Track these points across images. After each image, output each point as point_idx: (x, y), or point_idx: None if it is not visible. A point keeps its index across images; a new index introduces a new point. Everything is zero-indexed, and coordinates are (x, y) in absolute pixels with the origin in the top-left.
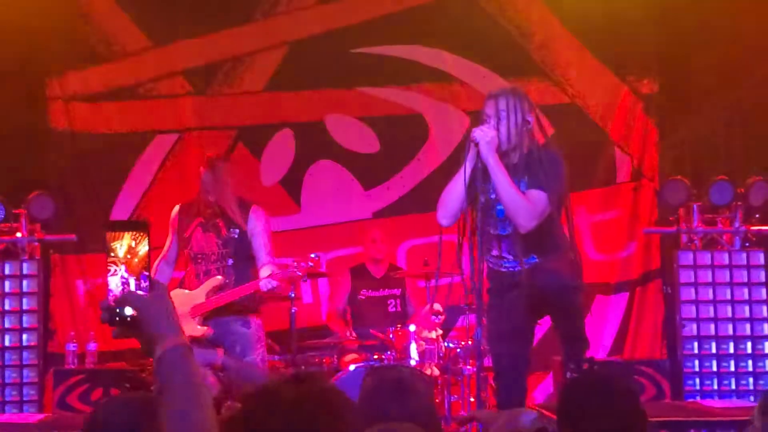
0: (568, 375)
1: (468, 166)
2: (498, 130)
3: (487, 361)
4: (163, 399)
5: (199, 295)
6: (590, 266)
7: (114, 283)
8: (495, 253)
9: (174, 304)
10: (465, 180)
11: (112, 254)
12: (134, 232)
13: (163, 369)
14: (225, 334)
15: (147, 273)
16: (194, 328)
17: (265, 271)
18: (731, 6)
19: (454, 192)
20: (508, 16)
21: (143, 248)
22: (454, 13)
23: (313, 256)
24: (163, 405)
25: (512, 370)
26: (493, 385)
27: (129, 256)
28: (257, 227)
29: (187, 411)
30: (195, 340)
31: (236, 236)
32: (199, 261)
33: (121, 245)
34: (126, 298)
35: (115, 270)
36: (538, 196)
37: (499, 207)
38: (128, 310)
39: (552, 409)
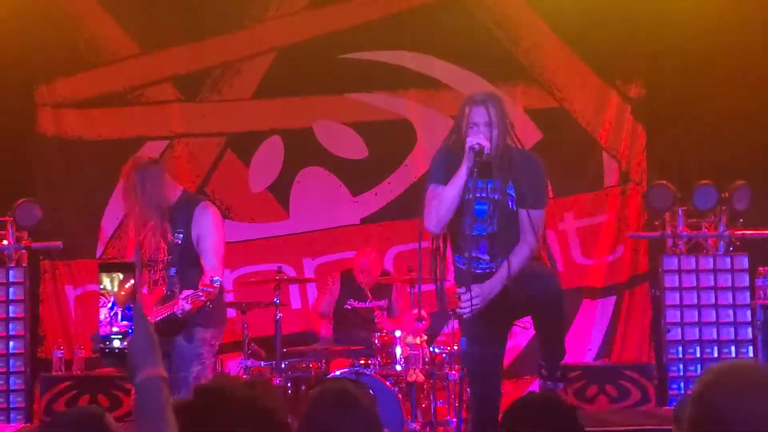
0: (541, 381)
1: (465, 174)
2: (490, 139)
3: None
4: (138, 421)
5: (149, 309)
6: (578, 270)
7: (103, 314)
8: (469, 254)
9: (156, 337)
10: (461, 186)
11: (103, 287)
12: (123, 272)
13: (139, 395)
14: (172, 348)
15: (131, 305)
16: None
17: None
18: (718, 12)
19: (450, 202)
20: (496, 20)
21: (130, 284)
22: (441, 19)
23: (215, 282)
24: (137, 426)
25: (487, 370)
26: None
27: (117, 290)
28: (203, 228)
29: None
30: None
31: (180, 241)
32: (150, 269)
33: (112, 280)
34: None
35: (105, 301)
36: (539, 216)
37: (477, 206)
38: (116, 343)
39: None
